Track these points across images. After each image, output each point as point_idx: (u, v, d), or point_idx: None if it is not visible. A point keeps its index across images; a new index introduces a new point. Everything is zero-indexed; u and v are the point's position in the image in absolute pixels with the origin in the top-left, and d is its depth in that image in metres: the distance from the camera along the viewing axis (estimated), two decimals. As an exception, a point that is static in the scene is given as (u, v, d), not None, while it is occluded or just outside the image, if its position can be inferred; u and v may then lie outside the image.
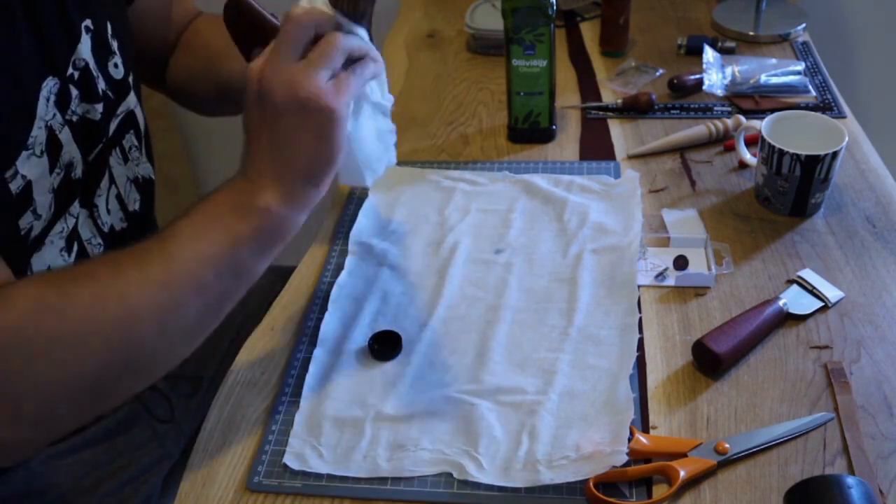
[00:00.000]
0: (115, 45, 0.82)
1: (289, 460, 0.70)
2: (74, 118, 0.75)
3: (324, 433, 0.72)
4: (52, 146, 0.72)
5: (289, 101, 0.61)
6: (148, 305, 0.60)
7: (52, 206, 0.73)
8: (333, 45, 0.63)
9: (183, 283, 0.61)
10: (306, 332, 0.84)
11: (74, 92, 0.75)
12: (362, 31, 0.68)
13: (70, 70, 0.75)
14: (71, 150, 0.74)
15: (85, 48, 0.77)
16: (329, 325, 0.83)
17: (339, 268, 0.91)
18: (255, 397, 0.78)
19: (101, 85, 0.79)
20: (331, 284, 0.88)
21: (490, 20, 1.31)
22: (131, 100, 0.85)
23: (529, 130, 1.10)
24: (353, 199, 1.01)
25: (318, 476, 0.69)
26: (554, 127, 1.11)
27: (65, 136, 0.74)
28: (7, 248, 0.68)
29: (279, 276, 0.92)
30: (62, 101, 0.73)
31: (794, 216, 0.94)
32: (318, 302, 0.87)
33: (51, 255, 0.74)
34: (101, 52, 0.80)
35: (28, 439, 0.61)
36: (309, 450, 0.71)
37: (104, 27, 0.81)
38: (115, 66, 0.82)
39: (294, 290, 0.90)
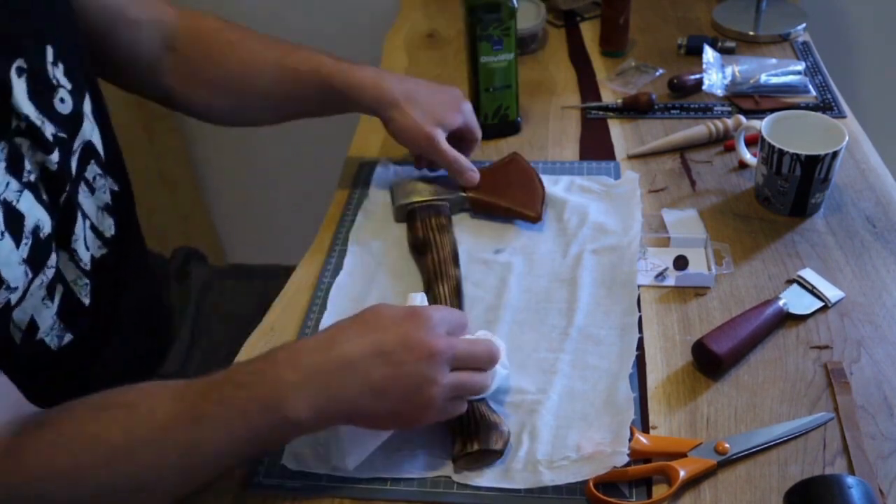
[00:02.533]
0: (59, 72, 0.73)
1: (287, 461, 0.70)
2: (32, 177, 0.68)
3: (323, 434, 0.72)
4: (13, 221, 0.66)
5: (419, 390, 0.63)
6: (162, 487, 0.62)
7: (28, 272, 0.68)
8: (477, 389, 0.67)
9: (200, 469, 0.63)
10: (306, 332, 0.84)
11: (25, 145, 0.68)
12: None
13: (14, 123, 0.67)
14: (35, 214, 0.68)
15: (21, 98, 0.67)
16: (328, 325, 0.83)
17: (339, 268, 0.91)
18: (254, 397, 0.77)
19: (50, 130, 0.70)
20: (330, 284, 0.88)
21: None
22: (86, 129, 0.78)
23: (500, 125, 1.11)
24: (353, 200, 1.01)
25: (318, 476, 0.69)
26: (519, 119, 1.11)
27: (25, 203, 0.67)
28: None
29: (279, 276, 0.92)
30: (14, 164, 0.66)
31: (794, 216, 0.94)
32: (318, 302, 0.87)
33: (32, 306, 0.70)
34: (43, 91, 0.71)
35: None
36: (308, 451, 0.71)
37: (42, 57, 0.71)
38: (62, 100, 0.73)
39: (294, 290, 0.90)
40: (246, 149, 1.83)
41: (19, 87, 0.67)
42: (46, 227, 0.70)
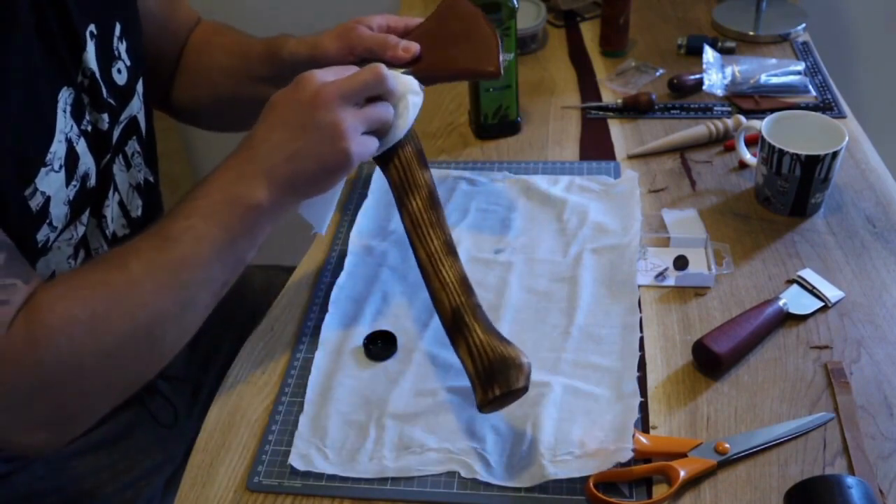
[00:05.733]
0: (122, 48, 0.81)
1: (294, 461, 0.70)
2: (89, 128, 0.75)
3: (328, 435, 0.72)
4: (70, 159, 0.72)
5: (327, 133, 0.69)
6: (168, 311, 0.67)
7: (68, 216, 0.73)
8: (383, 115, 0.73)
9: (194, 283, 0.68)
10: (306, 332, 0.84)
11: (86, 99, 0.75)
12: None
13: (80, 77, 0.74)
14: (86, 161, 0.74)
15: (90, 56, 0.75)
16: (330, 325, 0.83)
17: (339, 268, 0.91)
18: (255, 397, 0.78)
19: (105, 93, 0.78)
20: (331, 285, 0.88)
21: (490, 20, 1.30)
22: (134, 105, 0.84)
23: (499, 125, 1.11)
24: (353, 200, 1.01)
25: (318, 476, 0.69)
26: (519, 119, 1.11)
27: (81, 147, 0.73)
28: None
29: (279, 276, 0.92)
30: (77, 111, 0.73)
31: (794, 216, 0.94)
32: (318, 302, 0.87)
33: (56, 260, 0.74)
34: (105, 58, 0.78)
35: (54, 439, 0.66)
36: (314, 451, 0.71)
37: (111, 30, 0.79)
38: (119, 71, 0.81)
39: (294, 290, 0.90)
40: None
41: (90, 47, 0.75)
42: (93, 178, 0.75)
